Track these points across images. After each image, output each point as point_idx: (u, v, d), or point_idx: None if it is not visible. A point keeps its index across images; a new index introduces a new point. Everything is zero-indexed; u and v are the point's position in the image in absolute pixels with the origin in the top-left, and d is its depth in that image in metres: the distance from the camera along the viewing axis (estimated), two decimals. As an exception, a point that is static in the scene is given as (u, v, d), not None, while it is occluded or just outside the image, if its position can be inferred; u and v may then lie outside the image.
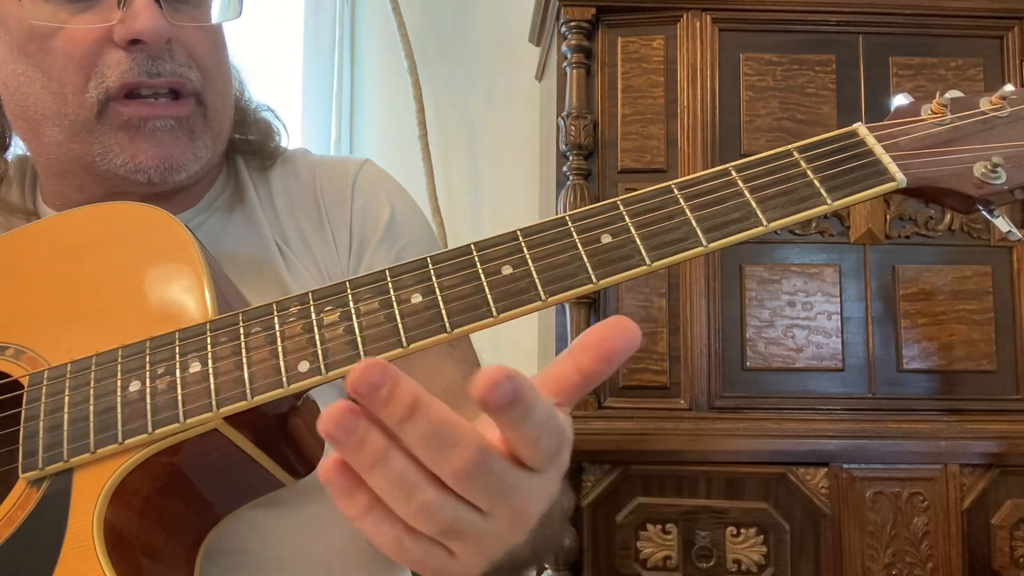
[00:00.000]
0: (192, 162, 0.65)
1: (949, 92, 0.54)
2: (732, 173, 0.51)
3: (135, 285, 0.55)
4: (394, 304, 0.48)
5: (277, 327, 0.49)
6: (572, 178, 1.45)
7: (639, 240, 0.49)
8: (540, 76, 1.93)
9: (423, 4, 2.07)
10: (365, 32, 2.11)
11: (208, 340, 0.50)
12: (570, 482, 1.36)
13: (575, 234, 0.49)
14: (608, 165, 1.47)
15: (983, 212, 0.52)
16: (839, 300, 1.43)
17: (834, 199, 0.50)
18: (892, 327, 1.43)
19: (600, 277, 0.48)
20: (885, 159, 0.51)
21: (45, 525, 0.49)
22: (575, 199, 1.43)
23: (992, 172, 0.51)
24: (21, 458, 0.51)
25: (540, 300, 0.47)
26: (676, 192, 0.50)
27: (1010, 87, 0.54)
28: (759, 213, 0.49)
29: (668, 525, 1.36)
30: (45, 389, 0.52)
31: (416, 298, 0.48)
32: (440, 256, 0.49)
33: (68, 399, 0.51)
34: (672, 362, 1.42)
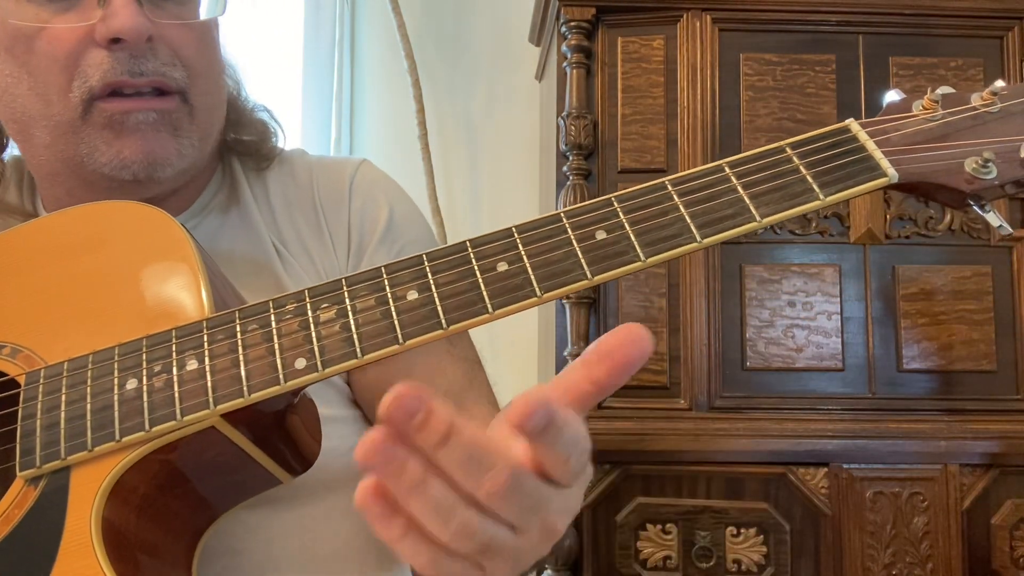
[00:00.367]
0: (177, 158, 0.64)
1: (940, 88, 0.54)
2: (725, 169, 0.52)
3: (132, 283, 0.55)
4: (390, 301, 0.48)
5: (273, 324, 0.49)
6: (572, 178, 1.45)
7: (633, 236, 0.49)
8: (540, 76, 1.93)
9: (423, 4, 2.07)
10: (365, 32, 2.11)
11: (205, 338, 0.50)
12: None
13: (570, 230, 0.49)
14: (608, 165, 1.47)
15: (974, 207, 0.52)
16: (839, 300, 1.43)
17: (827, 194, 0.50)
18: (892, 327, 1.43)
19: (595, 273, 0.48)
20: (877, 155, 0.52)
21: (43, 523, 0.49)
22: (575, 199, 1.43)
23: (983, 167, 0.51)
24: (18, 456, 0.51)
25: (535, 296, 0.47)
26: (670, 188, 0.51)
27: (1001, 83, 0.54)
28: (752, 209, 0.50)
29: (668, 525, 1.36)
30: (42, 388, 0.52)
31: (412, 295, 0.48)
32: (436, 253, 0.49)
33: (65, 397, 0.51)
34: (672, 362, 1.42)
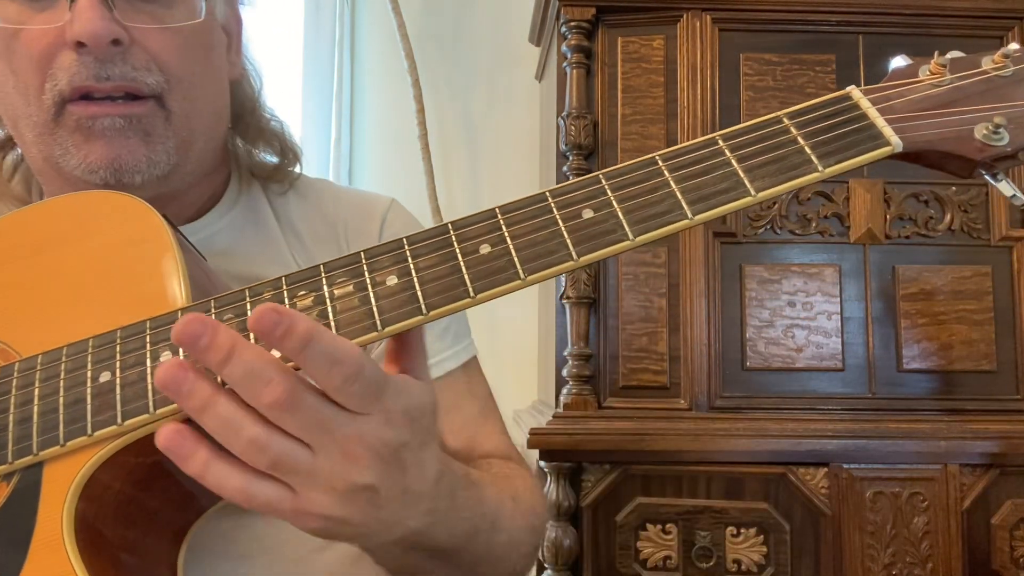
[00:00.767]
0: (147, 164, 0.62)
1: (949, 52, 0.51)
2: (719, 142, 0.49)
3: (108, 274, 0.54)
4: (369, 287, 0.46)
5: (250, 313, 0.47)
6: (572, 178, 1.45)
7: (621, 214, 0.47)
8: (540, 76, 1.93)
9: (423, 4, 2.07)
10: (365, 32, 2.11)
11: (183, 332, 0.49)
12: (570, 482, 1.36)
13: (555, 210, 0.47)
14: (608, 165, 1.45)
15: (986, 177, 0.49)
16: (839, 300, 1.43)
17: (825, 165, 0.47)
18: (892, 327, 1.43)
19: (581, 254, 0.46)
20: (879, 123, 0.49)
21: (14, 520, 0.48)
22: (575, 199, 1.43)
23: (994, 134, 0.48)
24: None
25: (519, 279, 0.46)
26: (660, 164, 0.49)
27: (1015, 45, 0.50)
28: (747, 183, 0.47)
29: (668, 525, 1.36)
30: (15, 381, 0.51)
31: (391, 280, 0.46)
32: (416, 236, 0.48)
33: (38, 391, 0.50)
34: (672, 362, 1.42)
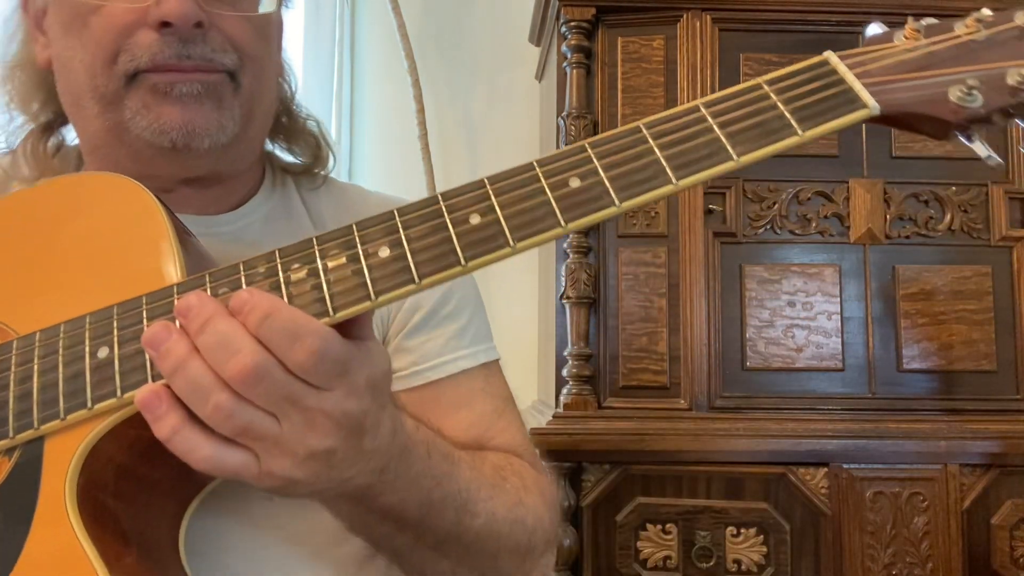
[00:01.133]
0: (217, 129, 0.64)
1: (924, 19, 0.53)
2: (701, 109, 0.50)
3: (103, 253, 0.55)
4: (361, 258, 0.48)
5: (244, 287, 0.48)
6: (572, 178, 1.45)
7: (607, 181, 0.48)
8: (540, 76, 1.93)
9: (423, 4, 2.07)
10: (365, 32, 2.11)
11: (175, 303, 0.49)
12: (570, 482, 1.36)
13: (543, 179, 0.49)
14: (608, 165, 1.47)
15: (960, 138, 0.50)
16: (839, 300, 1.43)
17: (805, 129, 0.49)
18: (892, 327, 1.43)
19: (568, 220, 0.47)
20: (857, 86, 0.50)
21: (17, 493, 0.49)
22: (575, 199, 1.43)
23: (968, 95, 0.49)
24: None
25: (509, 247, 0.47)
26: (644, 131, 0.50)
27: (987, 10, 0.52)
28: (729, 148, 0.48)
29: (668, 525, 1.36)
30: (14, 358, 0.52)
31: (384, 251, 0.48)
32: (407, 208, 0.49)
33: (38, 367, 0.51)
34: (672, 362, 1.42)
